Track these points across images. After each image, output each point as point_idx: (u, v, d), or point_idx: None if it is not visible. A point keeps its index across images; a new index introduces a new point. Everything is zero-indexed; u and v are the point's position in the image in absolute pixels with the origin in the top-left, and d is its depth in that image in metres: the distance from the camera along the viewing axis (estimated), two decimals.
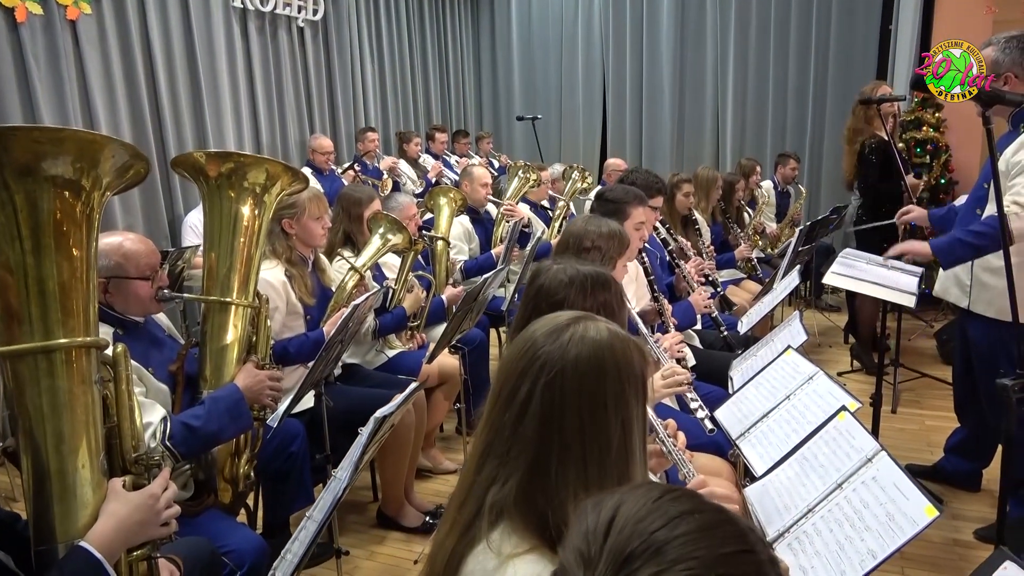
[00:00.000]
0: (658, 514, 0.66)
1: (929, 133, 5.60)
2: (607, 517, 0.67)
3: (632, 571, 0.62)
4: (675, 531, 0.64)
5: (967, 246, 2.51)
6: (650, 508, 0.67)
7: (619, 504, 0.68)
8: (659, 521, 0.65)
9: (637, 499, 0.68)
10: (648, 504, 0.67)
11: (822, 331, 5.30)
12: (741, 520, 0.68)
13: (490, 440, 1.05)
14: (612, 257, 2.09)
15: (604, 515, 0.68)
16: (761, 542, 0.67)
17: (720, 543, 0.64)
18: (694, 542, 0.63)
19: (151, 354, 2.05)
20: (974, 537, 2.80)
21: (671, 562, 0.62)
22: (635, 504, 0.68)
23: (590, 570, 0.64)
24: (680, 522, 0.65)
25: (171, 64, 4.80)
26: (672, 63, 7.66)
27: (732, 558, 0.64)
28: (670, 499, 0.68)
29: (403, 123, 7.36)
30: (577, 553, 0.67)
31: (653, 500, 0.68)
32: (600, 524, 0.67)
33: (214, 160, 2.13)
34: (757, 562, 0.65)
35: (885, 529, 1.43)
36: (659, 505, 0.67)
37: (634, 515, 0.66)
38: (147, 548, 1.45)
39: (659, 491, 0.69)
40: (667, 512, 0.66)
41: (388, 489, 2.98)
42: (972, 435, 3.04)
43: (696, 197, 4.37)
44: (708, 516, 0.67)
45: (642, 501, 0.68)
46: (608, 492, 0.72)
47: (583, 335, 1.03)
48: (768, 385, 2.18)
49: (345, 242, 3.21)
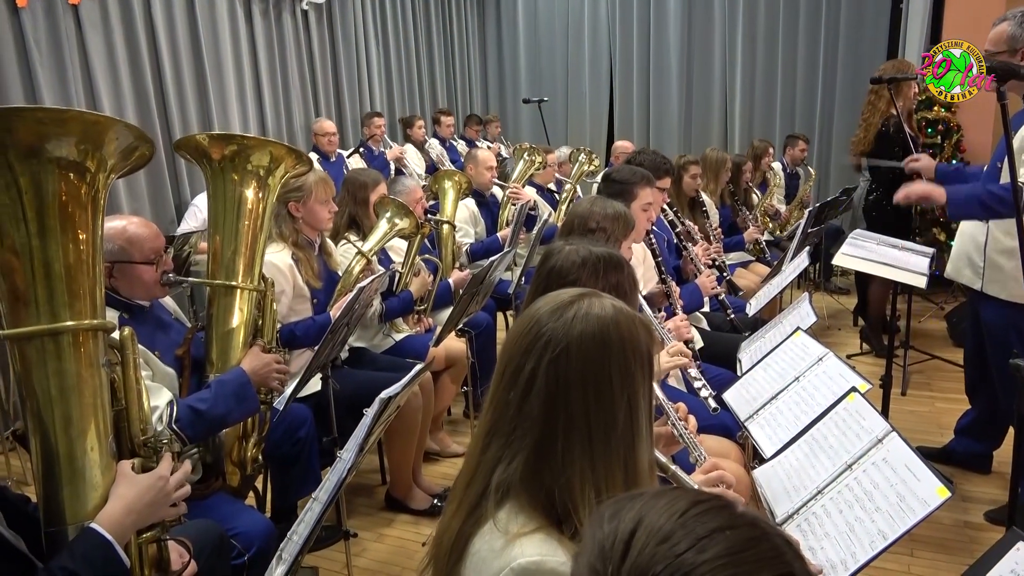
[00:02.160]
0: (685, 532, 0.59)
1: (940, 113, 5.53)
2: (627, 531, 0.61)
3: None
4: (704, 554, 0.57)
5: (981, 204, 2.45)
6: (675, 524, 0.60)
7: (640, 516, 0.62)
8: (686, 541, 0.58)
9: (660, 512, 0.61)
10: (673, 519, 0.60)
11: (831, 313, 5.27)
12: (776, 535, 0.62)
13: (495, 419, 1.04)
14: (617, 238, 2.07)
15: (623, 528, 0.61)
16: (798, 558, 0.61)
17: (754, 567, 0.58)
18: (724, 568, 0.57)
19: (157, 337, 2.04)
20: (984, 519, 2.79)
21: None
22: (658, 518, 0.61)
23: None
24: (709, 543, 0.58)
25: (175, 47, 4.78)
26: (680, 44, 7.58)
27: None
28: (697, 513, 0.61)
29: (408, 107, 7.31)
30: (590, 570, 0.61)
31: (679, 514, 0.61)
32: (619, 540, 0.61)
33: (217, 142, 2.11)
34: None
35: (896, 510, 1.42)
36: (685, 521, 0.60)
37: (657, 531, 0.60)
38: (156, 530, 1.46)
39: (685, 502, 0.62)
40: (695, 530, 0.59)
41: (396, 472, 2.99)
42: (983, 417, 3.02)
43: (704, 179, 4.34)
44: (741, 534, 0.60)
45: (666, 515, 0.61)
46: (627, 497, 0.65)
47: (588, 311, 1.02)
48: (777, 367, 2.17)
49: (350, 226, 3.20)
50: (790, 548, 0.61)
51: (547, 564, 0.94)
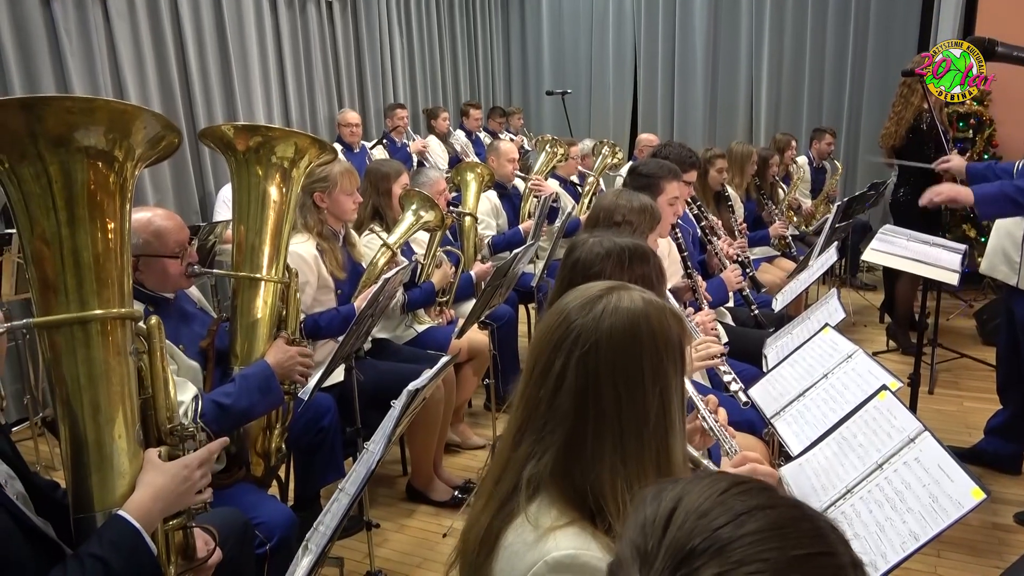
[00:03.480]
0: (724, 508, 0.59)
1: (973, 107, 5.42)
2: (667, 509, 0.61)
3: (692, 570, 0.56)
4: (742, 528, 0.57)
5: (1011, 201, 2.39)
6: (715, 501, 0.60)
7: (681, 495, 0.62)
8: (725, 516, 0.59)
9: (701, 490, 0.62)
10: (713, 497, 0.61)
11: (857, 310, 5.19)
12: (820, 517, 0.61)
13: (526, 416, 1.03)
14: (643, 232, 2.05)
15: (664, 506, 0.62)
16: (843, 543, 0.60)
17: (793, 543, 0.57)
18: (763, 541, 0.56)
19: (181, 331, 2.05)
20: (1014, 521, 2.74)
21: (736, 563, 0.55)
22: (698, 496, 0.61)
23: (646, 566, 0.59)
24: (749, 518, 0.58)
25: (201, 38, 4.80)
26: (705, 36, 7.49)
27: (806, 561, 0.57)
28: (738, 492, 0.61)
29: (431, 98, 7.31)
30: (633, 547, 0.61)
31: (719, 493, 0.61)
32: (660, 516, 0.61)
33: (242, 133, 2.12)
34: (837, 566, 0.58)
35: (928, 511, 1.40)
36: (725, 498, 0.61)
37: (697, 508, 0.60)
38: (182, 518, 1.47)
39: (726, 482, 0.63)
40: (734, 507, 0.59)
41: (417, 463, 2.99)
42: (1015, 417, 2.96)
43: (730, 173, 4.29)
44: (781, 512, 0.59)
45: (707, 493, 0.61)
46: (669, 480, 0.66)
47: (617, 305, 1.01)
48: (804, 363, 2.14)
49: (374, 217, 3.20)
50: (835, 532, 0.60)
51: (581, 558, 0.93)
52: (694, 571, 0.56)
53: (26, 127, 1.21)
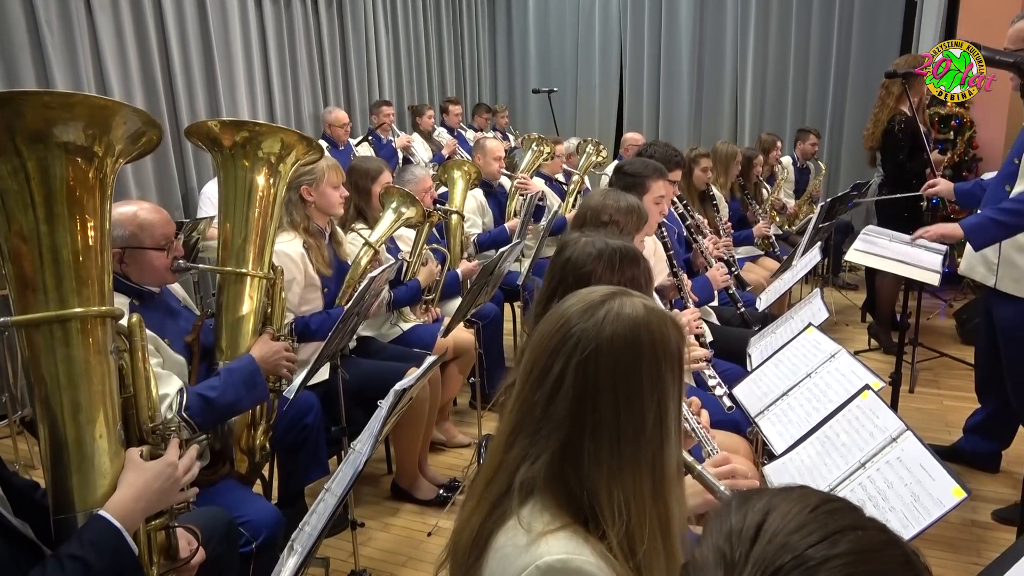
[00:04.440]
0: (815, 527, 0.59)
1: (954, 109, 5.48)
2: (755, 521, 0.61)
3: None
4: (833, 550, 0.57)
5: (1000, 225, 2.45)
6: (805, 519, 0.60)
7: (769, 508, 0.62)
8: (815, 536, 0.58)
9: (791, 505, 0.62)
10: (804, 514, 0.60)
11: (839, 309, 5.24)
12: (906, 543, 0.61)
13: (521, 418, 1.02)
14: (630, 232, 2.05)
15: (752, 518, 0.62)
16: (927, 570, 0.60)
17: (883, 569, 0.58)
18: (853, 565, 0.56)
19: (167, 325, 2.04)
20: (992, 518, 2.78)
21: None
22: (788, 510, 0.61)
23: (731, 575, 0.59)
24: (840, 539, 0.58)
25: (184, 32, 4.75)
26: (691, 35, 7.52)
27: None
28: (828, 511, 0.61)
29: (417, 96, 7.28)
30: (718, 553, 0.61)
31: (809, 509, 0.61)
32: (748, 527, 0.61)
33: (228, 129, 2.10)
34: None
35: (910, 510, 1.41)
36: (816, 516, 0.60)
37: (787, 524, 0.60)
38: (165, 517, 1.46)
39: (816, 499, 0.62)
40: (825, 526, 0.59)
41: (402, 462, 2.99)
42: (993, 415, 3.00)
43: (715, 172, 4.31)
44: (871, 536, 0.59)
45: (796, 508, 0.61)
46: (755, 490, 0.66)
47: (619, 312, 0.99)
48: (788, 363, 2.15)
49: (357, 216, 3.18)
50: (919, 560, 0.61)
51: (573, 562, 0.92)
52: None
53: (3, 122, 1.19)
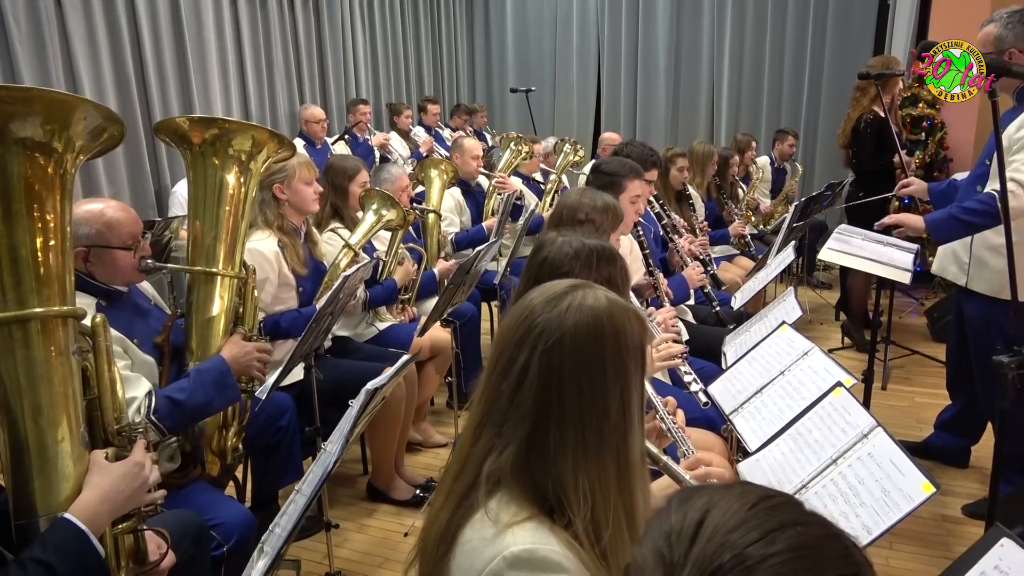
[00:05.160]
0: (754, 524, 0.58)
1: (925, 110, 5.56)
2: (695, 520, 0.60)
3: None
4: (771, 547, 0.56)
5: (960, 223, 2.48)
6: (744, 517, 0.59)
7: (709, 506, 0.62)
8: (754, 533, 0.57)
9: (730, 503, 0.61)
10: (743, 511, 0.60)
11: (813, 308, 5.29)
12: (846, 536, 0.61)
13: (487, 410, 1.03)
14: (606, 230, 2.06)
15: (691, 516, 0.61)
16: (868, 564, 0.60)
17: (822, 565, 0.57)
18: (792, 562, 0.56)
19: (136, 325, 2.00)
20: (962, 513, 2.82)
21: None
22: (727, 508, 0.60)
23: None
24: (778, 536, 0.57)
25: (156, 29, 4.68)
26: (667, 36, 7.56)
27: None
28: (767, 507, 0.60)
29: (395, 94, 7.25)
30: (657, 554, 0.60)
31: (748, 507, 0.60)
32: (687, 527, 0.60)
33: (198, 126, 2.07)
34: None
35: (880, 505, 1.43)
36: (755, 514, 0.59)
37: (726, 522, 0.59)
38: (133, 520, 1.43)
39: (756, 496, 0.62)
40: (764, 523, 0.58)
41: (378, 462, 2.96)
42: (963, 412, 3.05)
43: (691, 172, 4.33)
44: (810, 532, 0.59)
45: (736, 506, 0.60)
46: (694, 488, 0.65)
47: (582, 303, 1.01)
48: (762, 360, 2.16)
49: (334, 215, 3.15)
50: (859, 553, 0.60)
51: (539, 552, 0.93)
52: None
53: None
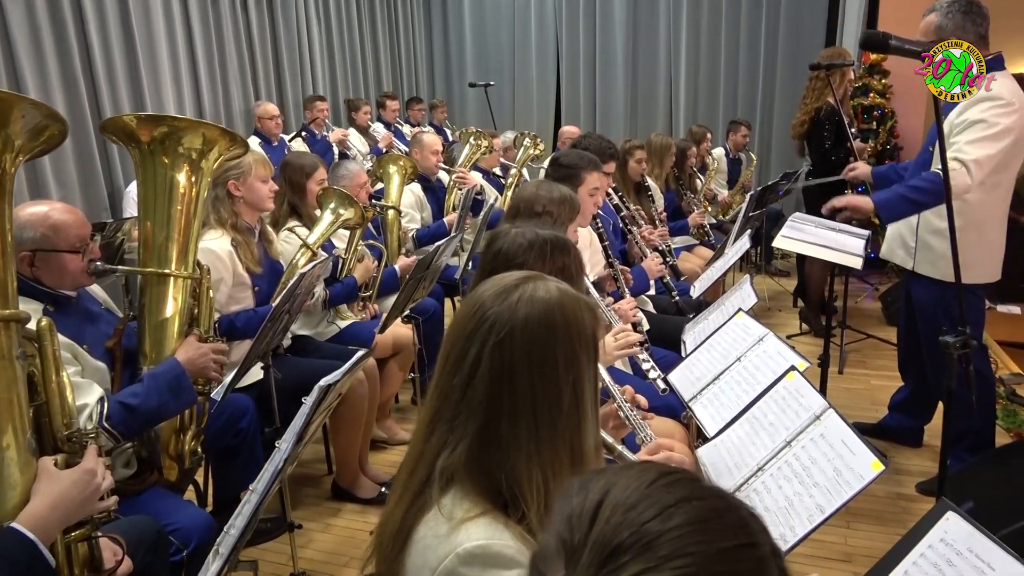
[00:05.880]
0: (651, 501, 0.59)
1: (876, 99, 5.70)
2: (594, 501, 0.60)
3: (619, 566, 0.56)
4: (669, 522, 0.57)
5: (909, 201, 2.54)
6: (642, 494, 0.59)
7: (608, 487, 0.61)
8: (652, 510, 0.58)
9: (628, 482, 0.61)
10: (640, 489, 0.60)
11: (772, 295, 5.39)
12: (743, 507, 0.62)
13: (439, 405, 1.02)
14: (564, 222, 2.07)
15: (591, 499, 0.61)
16: (764, 531, 0.61)
17: (719, 536, 0.57)
18: (690, 535, 0.56)
19: (86, 329, 1.95)
20: (916, 490, 2.90)
21: (663, 558, 0.55)
22: (626, 488, 0.60)
23: (572, 561, 0.58)
24: (675, 511, 0.58)
25: (104, 27, 4.56)
26: (625, 29, 7.62)
27: (732, 553, 0.57)
28: (665, 484, 0.61)
29: (352, 90, 7.17)
30: (559, 540, 0.60)
31: (646, 485, 0.60)
32: (586, 509, 0.60)
33: (146, 124, 2.03)
34: (759, 557, 0.59)
35: (833, 484, 1.46)
36: (652, 491, 0.60)
37: (624, 501, 0.59)
38: (86, 528, 1.40)
39: (653, 473, 0.62)
40: (661, 499, 0.59)
41: (342, 461, 2.94)
42: (915, 393, 3.13)
43: (650, 164, 4.37)
44: (707, 504, 0.60)
45: (634, 485, 0.61)
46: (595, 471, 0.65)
47: (532, 295, 1.01)
48: (720, 347, 2.20)
49: (291, 213, 3.11)
50: (756, 521, 0.61)
51: (492, 547, 0.93)
52: (621, 567, 0.56)
53: None
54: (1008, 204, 2.68)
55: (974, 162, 2.40)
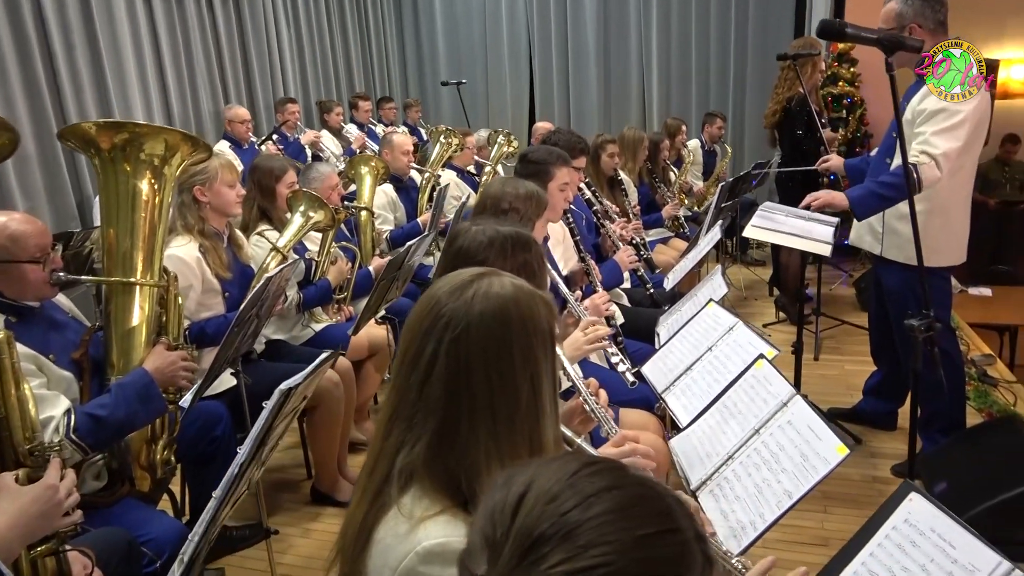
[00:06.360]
0: (572, 492, 0.59)
1: (845, 88, 5.76)
2: (517, 494, 0.61)
3: (540, 556, 0.56)
4: (589, 511, 0.58)
5: (879, 197, 2.59)
6: (565, 485, 0.60)
7: (531, 480, 0.62)
8: (572, 500, 0.58)
9: (551, 474, 0.61)
10: (563, 480, 0.60)
11: (748, 285, 5.43)
12: (667, 494, 0.62)
13: (397, 403, 1.01)
14: (530, 218, 2.06)
15: (514, 492, 0.61)
16: (687, 517, 0.62)
17: (639, 524, 0.58)
18: (609, 524, 0.57)
19: (51, 340, 1.92)
20: (891, 473, 2.94)
21: (582, 547, 0.56)
22: (548, 480, 0.61)
23: (495, 555, 0.58)
24: (596, 501, 0.58)
25: (67, 32, 4.48)
26: (596, 24, 7.64)
27: (652, 540, 0.58)
28: (587, 474, 0.61)
29: (324, 91, 7.12)
30: (482, 535, 0.61)
31: (568, 476, 0.61)
32: (509, 503, 0.60)
33: (106, 131, 2.00)
34: (681, 542, 0.60)
35: (800, 470, 1.47)
36: (574, 481, 0.60)
37: (546, 493, 0.60)
38: (53, 542, 1.38)
39: (576, 465, 0.62)
40: (583, 490, 0.59)
41: (321, 465, 2.93)
42: (887, 377, 3.17)
43: (622, 158, 4.38)
44: (628, 492, 0.60)
45: (556, 477, 0.61)
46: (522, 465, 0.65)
47: (487, 291, 1.01)
48: (692, 338, 2.21)
49: (261, 217, 3.09)
50: (680, 507, 0.62)
51: (452, 545, 0.92)
52: (542, 557, 0.56)
53: None
54: (971, 186, 2.72)
55: (943, 155, 2.45)
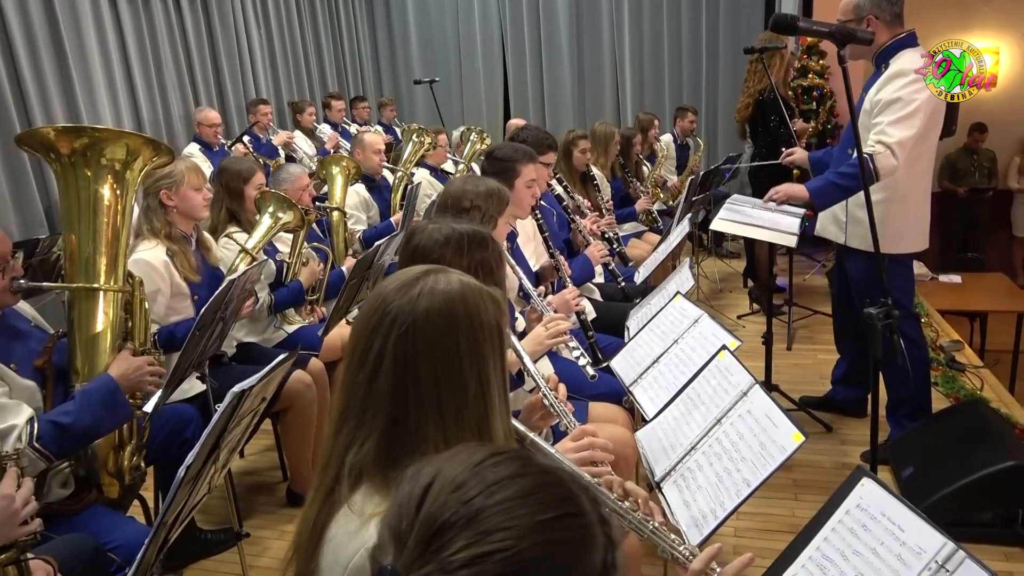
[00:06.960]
0: (476, 481, 0.61)
1: (815, 80, 5.82)
2: (423, 485, 0.63)
3: (444, 543, 0.58)
4: (491, 498, 0.59)
5: (838, 187, 2.63)
6: (469, 474, 0.62)
7: (438, 471, 0.63)
8: (476, 489, 0.60)
9: (457, 465, 0.64)
10: (468, 470, 0.62)
11: (723, 277, 5.48)
12: (572, 481, 0.64)
13: (346, 401, 1.02)
14: (492, 216, 2.07)
15: (420, 483, 0.63)
16: (593, 502, 0.63)
17: (540, 509, 0.60)
18: (510, 509, 0.59)
19: (13, 348, 1.91)
20: (860, 460, 2.98)
21: (484, 532, 0.57)
22: (454, 470, 0.63)
23: (400, 546, 0.60)
24: (498, 488, 0.60)
25: (31, 38, 4.42)
26: (569, 19, 7.66)
27: (552, 524, 0.60)
28: (492, 464, 0.63)
29: (296, 92, 7.08)
30: (388, 528, 0.62)
31: (473, 465, 0.63)
32: (415, 495, 0.62)
33: (66, 136, 1.99)
34: (582, 525, 0.62)
35: (758, 458, 1.50)
36: (479, 471, 0.62)
37: (451, 482, 0.62)
38: (12, 552, 1.37)
39: (482, 455, 0.64)
40: (486, 479, 0.61)
41: (295, 466, 2.92)
42: (853, 365, 3.22)
43: (594, 153, 4.40)
44: (531, 480, 0.62)
45: (462, 467, 0.63)
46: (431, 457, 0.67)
47: (433, 287, 1.02)
48: (659, 331, 2.23)
49: (230, 219, 3.06)
50: (586, 493, 0.63)
51: None
52: (445, 544, 0.57)
53: None
54: (931, 174, 2.77)
55: (898, 144, 2.49)
